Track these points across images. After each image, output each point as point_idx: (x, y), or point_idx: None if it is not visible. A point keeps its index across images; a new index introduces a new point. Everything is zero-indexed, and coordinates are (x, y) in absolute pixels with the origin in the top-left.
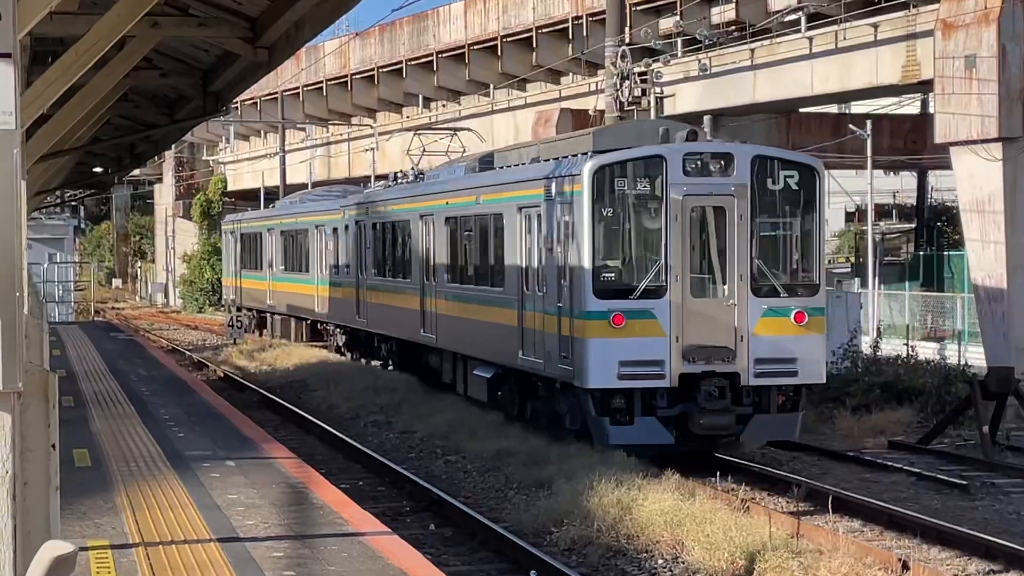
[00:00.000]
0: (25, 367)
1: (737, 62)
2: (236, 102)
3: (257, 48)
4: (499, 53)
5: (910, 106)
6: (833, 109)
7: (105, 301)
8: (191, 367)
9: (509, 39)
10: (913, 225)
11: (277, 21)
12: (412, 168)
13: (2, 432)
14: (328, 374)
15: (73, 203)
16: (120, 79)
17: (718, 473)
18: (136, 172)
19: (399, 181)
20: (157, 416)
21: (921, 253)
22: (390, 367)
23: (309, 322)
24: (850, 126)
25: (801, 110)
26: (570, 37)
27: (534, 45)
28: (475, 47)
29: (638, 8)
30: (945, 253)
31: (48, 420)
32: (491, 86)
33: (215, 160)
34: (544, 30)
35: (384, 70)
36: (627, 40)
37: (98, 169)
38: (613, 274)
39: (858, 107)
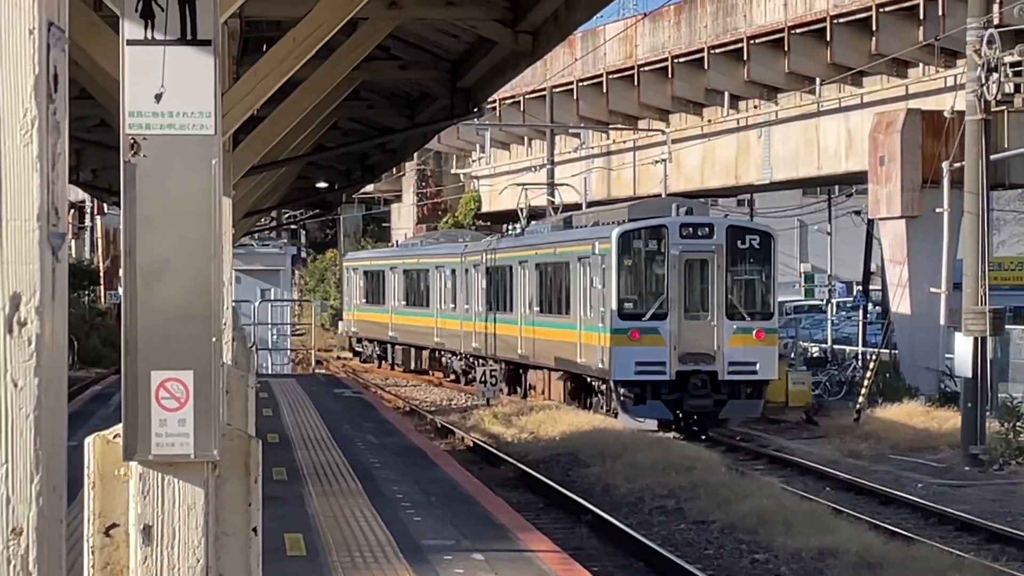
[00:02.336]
0: (222, 430)
1: None
2: (493, 101)
3: (518, 33)
4: (828, 38)
5: None
6: None
7: (329, 349)
8: (433, 434)
9: (841, 20)
10: None
11: None
12: (520, 221)
13: (193, 511)
14: (605, 446)
15: (292, 226)
16: (349, 72)
17: None
18: (369, 188)
19: (509, 233)
20: (389, 495)
21: None
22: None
23: (428, 351)
24: None
25: None
26: (920, 17)
27: (873, 28)
28: (797, 30)
29: None
30: None
31: (249, 497)
32: (817, 80)
33: (467, 174)
34: (886, 8)
35: (680, 60)
36: (996, 20)
37: (322, 184)
38: (632, 303)
39: None
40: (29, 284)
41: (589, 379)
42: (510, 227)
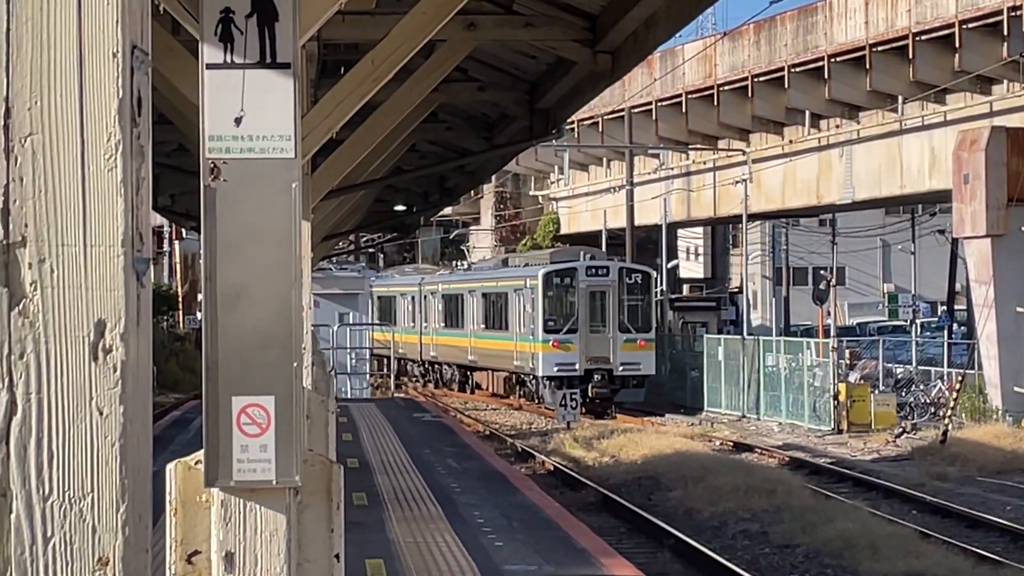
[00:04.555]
0: (304, 456)
1: None
2: (571, 122)
3: (597, 53)
4: (911, 55)
5: None
6: None
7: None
8: (513, 458)
9: (923, 37)
10: None
11: (623, 19)
12: (465, 261)
13: (275, 537)
14: (686, 469)
15: (370, 250)
16: (427, 94)
17: None
18: (447, 211)
19: (460, 268)
20: (469, 519)
21: None
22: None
23: (398, 360)
24: None
25: None
26: (1004, 33)
27: (957, 45)
28: (879, 48)
29: None
30: None
31: (331, 523)
32: (899, 99)
33: (545, 196)
34: (970, 25)
35: (760, 79)
36: None
37: (400, 207)
38: (553, 322)
39: None
40: (114, 311)
41: (522, 376)
42: (459, 264)
